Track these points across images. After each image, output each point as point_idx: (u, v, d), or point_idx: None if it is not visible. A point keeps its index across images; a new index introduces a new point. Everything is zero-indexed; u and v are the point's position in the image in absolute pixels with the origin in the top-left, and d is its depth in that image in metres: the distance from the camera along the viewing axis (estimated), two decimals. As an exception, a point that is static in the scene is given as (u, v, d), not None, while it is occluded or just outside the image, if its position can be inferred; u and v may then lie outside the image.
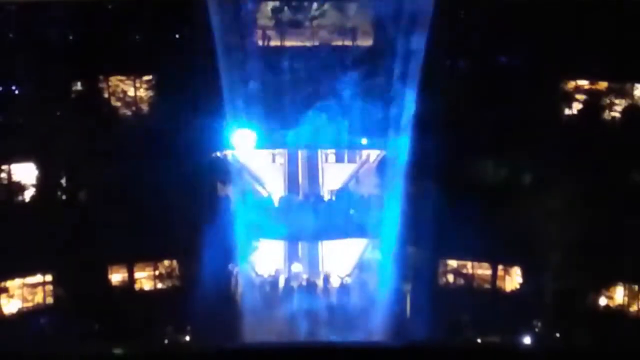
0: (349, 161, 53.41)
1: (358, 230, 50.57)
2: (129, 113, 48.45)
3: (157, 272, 48.81)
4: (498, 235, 46.13)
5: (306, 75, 48.29)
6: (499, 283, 48.50)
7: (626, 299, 46.45)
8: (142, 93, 48.56)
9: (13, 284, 46.53)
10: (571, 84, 47.74)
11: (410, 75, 47.52)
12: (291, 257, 52.28)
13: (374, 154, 52.33)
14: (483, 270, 48.84)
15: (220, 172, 49.23)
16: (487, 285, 48.60)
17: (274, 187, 52.34)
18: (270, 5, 49.97)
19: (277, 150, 52.54)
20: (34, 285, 46.80)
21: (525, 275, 47.89)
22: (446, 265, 49.31)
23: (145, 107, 48.60)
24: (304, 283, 51.48)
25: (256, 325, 48.08)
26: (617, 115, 47.38)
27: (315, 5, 49.83)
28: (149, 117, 48.48)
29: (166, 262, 48.86)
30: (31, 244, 44.77)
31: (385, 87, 47.94)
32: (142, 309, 47.16)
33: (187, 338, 48.11)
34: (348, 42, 49.82)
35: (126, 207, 45.86)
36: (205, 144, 47.96)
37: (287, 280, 51.50)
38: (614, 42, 45.07)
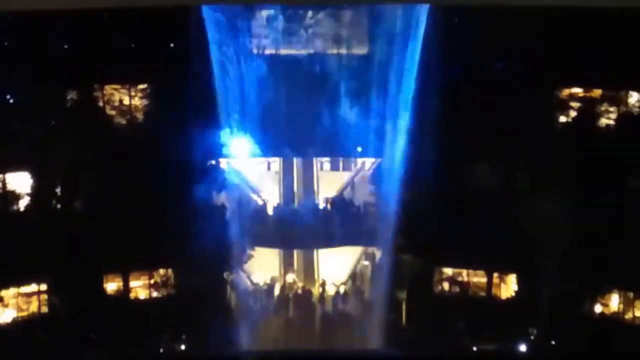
0: (344, 169, 53.48)
1: (353, 238, 50.57)
2: (124, 122, 48.41)
3: (152, 281, 48.71)
4: (494, 243, 46.15)
5: (301, 84, 48.35)
6: (494, 291, 48.49)
7: (622, 306, 46.47)
8: (138, 102, 48.55)
9: (8, 294, 46.37)
10: (566, 92, 47.83)
11: (405, 83, 47.60)
12: (287, 265, 52.27)
13: (369, 162, 52.40)
14: (479, 278, 48.84)
15: (216, 180, 49.19)
16: (483, 293, 48.59)
17: (269, 195, 52.34)
18: (266, 13, 50.02)
19: (272, 159, 52.55)
20: (29, 295, 46.64)
21: (520, 282, 47.89)
22: (442, 273, 49.27)
23: (140, 116, 48.57)
24: (300, 291, 51.46)
25: (252, 333, 48.05)
26: (612, 122, 47.48)
27: (310, 13, 49.89)
28: (144, 126, 48.44)
29: (161, 271, 48.76)
30: (26, 253, 44.67)
31: (380, 95, 48.01)
32: (137, 318, 47.07)
33: (183, 347, 48.04)
34: (343, 50, 49.90)
35: (121, 216, 45.76)
36: (201, 152, 47.92)
37: (283, 289, 51.46)
38: (609, 50, 45.21)
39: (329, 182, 52.68)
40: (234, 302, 49.35)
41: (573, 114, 47.79)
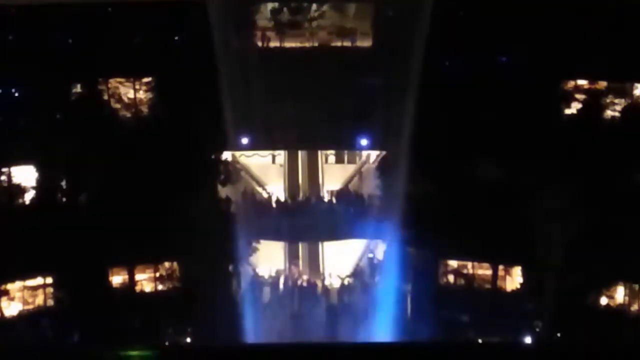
0: (349, 162, 53.50)
1: (358, 231, 50.55)
2: (128, 115, 48.44)
3: (157, 274, 48.72)
4: (498, 236, 46.12)
5: (305, 76, 48.31)
6: (499, 283, 48.47)
7: (627, 298, 46.43)
8: (142, 95, 48.58)
9: (14, 287, 46.47)
10: (571, 84, 47.75)
11: (410, 76, 47.48)
12: (291, 258, 52.29)
13: (373, 155, 52.38)
14: (483, 270, 48.82)
15: (220, 173, 49.21)
16: (488, 286, 48.57)
17: (274, 188, 52.36)
18: (270, 6, 50.00)
19: (277, 151, 52.55)
20: (35, 288, 46.74)
21: (525, 275, 47.88)
22: (447, 265, 49.28)
23: (144, 109, 48.61)
24: (305, 284, 51.48)
25: (257, 326, 48.08)
26: (617, 115, 47.37)
27: (314, 6, 49.86)
28: (148, 119, 48.48)
29: (166, 264, 48.78)
30: (31, 246, 44.77)
31: (384, 88, 47.93)
32: (142, 311, 47.14)
33: (188, 339, 48.12)
34: (347, 43, 49.87)
35: (126, 209, 45.80)
36: (205, 145, 47.95)
37: (288, 282, 51.49)
38: (614, 42, 45.12)
39: (333, 174, 52.70)
40: (239, 296, 49.35)
41: (578, 106, 47.70)
